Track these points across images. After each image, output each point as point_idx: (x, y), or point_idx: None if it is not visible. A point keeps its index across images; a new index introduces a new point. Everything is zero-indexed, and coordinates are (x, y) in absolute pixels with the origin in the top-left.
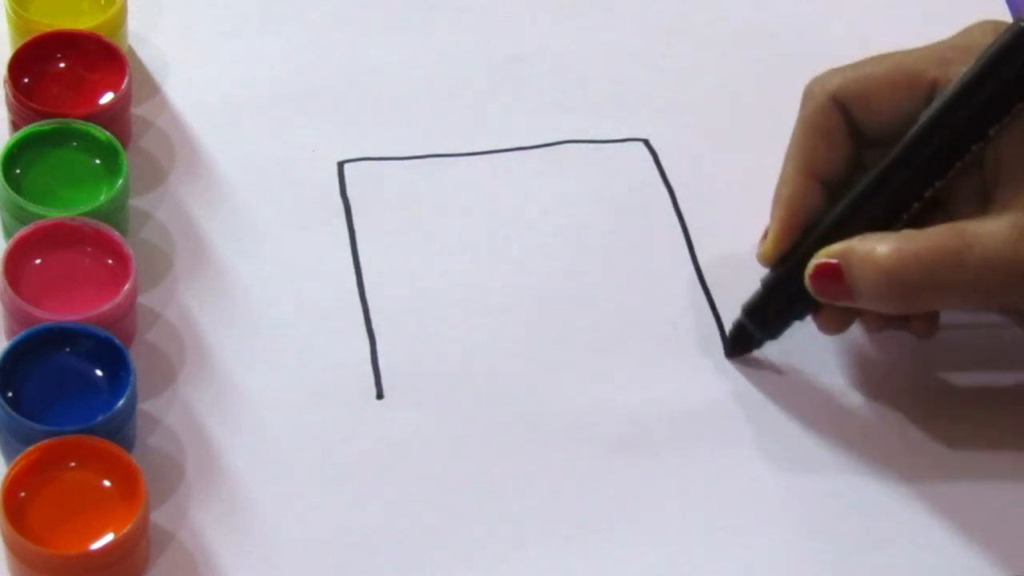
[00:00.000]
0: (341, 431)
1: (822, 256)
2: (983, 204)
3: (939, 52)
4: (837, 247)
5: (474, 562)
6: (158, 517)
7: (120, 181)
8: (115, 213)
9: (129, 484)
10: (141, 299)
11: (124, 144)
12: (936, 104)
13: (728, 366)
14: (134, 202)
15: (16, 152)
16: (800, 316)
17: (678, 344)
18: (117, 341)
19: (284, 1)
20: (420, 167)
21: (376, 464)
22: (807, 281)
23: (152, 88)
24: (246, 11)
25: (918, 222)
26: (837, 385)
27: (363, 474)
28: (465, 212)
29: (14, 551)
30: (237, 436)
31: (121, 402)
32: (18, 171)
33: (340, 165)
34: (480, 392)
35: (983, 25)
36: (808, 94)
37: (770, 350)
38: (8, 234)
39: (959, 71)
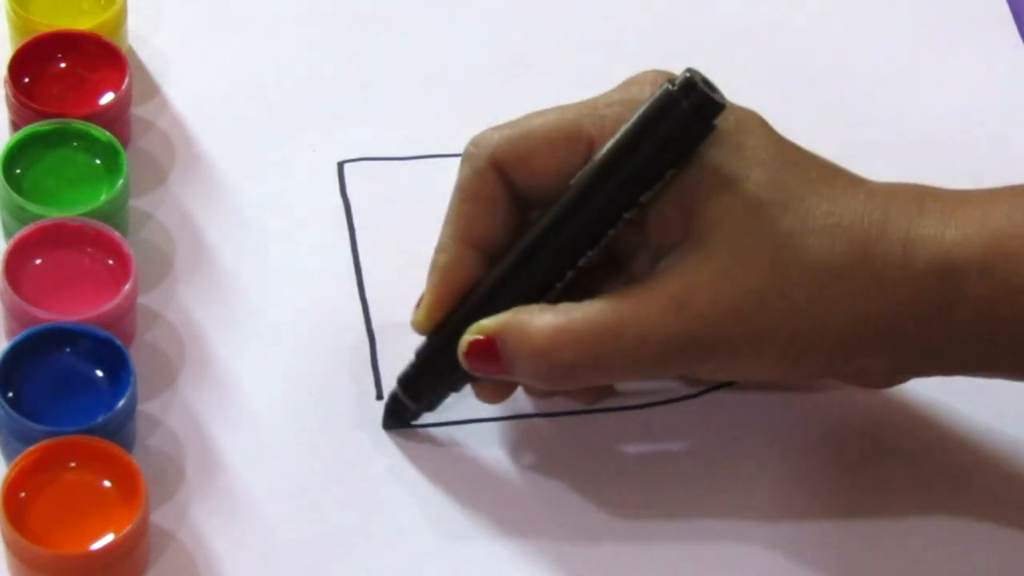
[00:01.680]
0: (341, 431)
1: (474, 332)
2: (654, 263)
3: (597, 108)
4: (490, 323)
5: (474, 563)
6: (158, 517)
7: (120, 181)
8: (115, 213)
9: (129, 484)
10: (141, 299)
11: (124, 144)
12: (585, 170)
13: None
14: (134, 202)
15: (16, 152)
16: (457, 388)
17: None
18: (117, 341)
19: (284, 1)
20: (420, 167)
21: (376, 464)
22: (461, 358)
23: (152, 88)
24: (246, 11)
25: (587, 280)
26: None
27: (363, 474)
28: None
29: (14, 551)
30: (237, 436)
31: (121, 402)
32: (18, 171)
33: (340, 165)
34: None
35: (643, 77)
36: (466, 156)
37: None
38: (8, 234)
39: (614, 129)
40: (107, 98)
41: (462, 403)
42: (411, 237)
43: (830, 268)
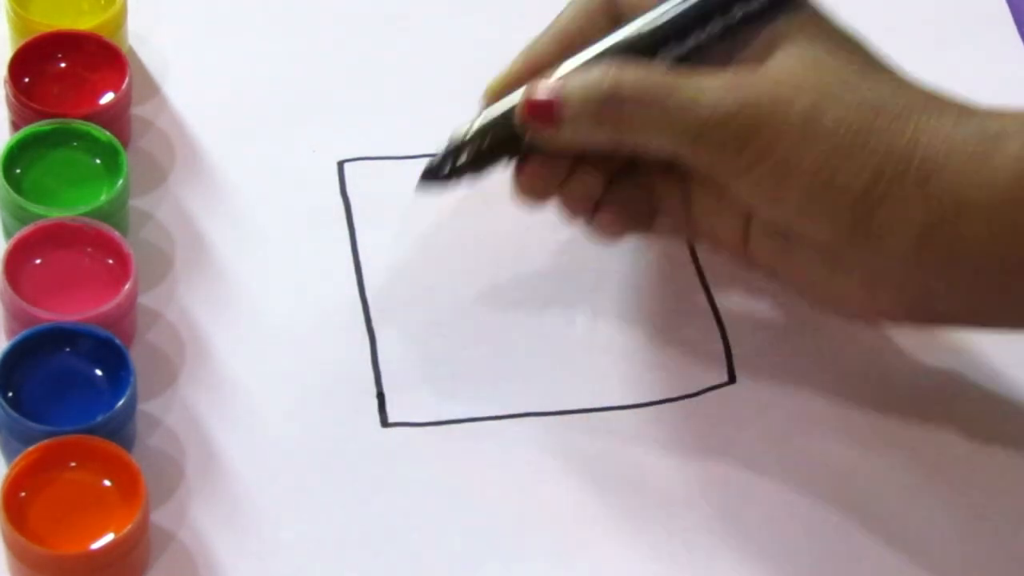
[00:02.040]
0: (341, 431)
1: (540, 82)
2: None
3: None
4: (552, 79)
5: (474, 562)
6: (158, 517)
7: (120, 181)
8: (115, 213)
9: (129, 484)
10: (141, 299)
11: (124, 144)
12: None
13: (735, 363)
14: (134, 202)
15: (16, 152)
16: (501, 157)
17: (680, 344)
18: (117, 341)
19: (284, 1)
20: (420, 167)
21: (376, 464)
22: (519, 109)
23: (152, 88)
24: (246, 11)
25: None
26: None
27: (363, 474)
28: (465, 212)
29: (14, 551)
30: (237, 436)
31: (121, 402)
32: (18, 171)
33: (340, 164)
34: (480, 392)
35: None
36: None
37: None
38: (8, 234)
39: None
40: (107, 98)
41: (462, 403)
42: (411, 237)
43: (888, 103)
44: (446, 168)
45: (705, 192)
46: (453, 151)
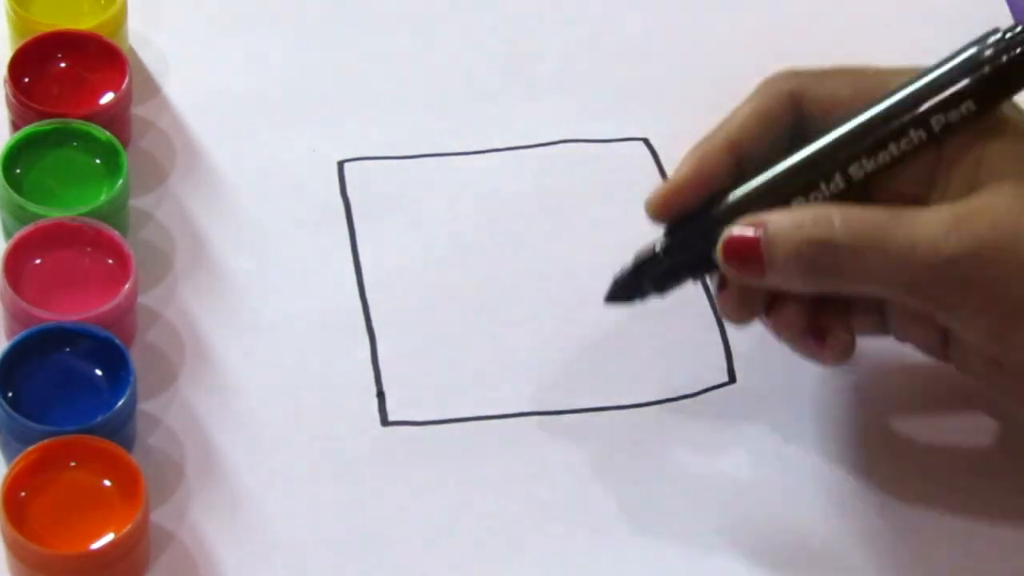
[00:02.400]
0: (341, 431)
1: (742, 222)
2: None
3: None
4: (759, 215)
5: (474, 562)
6: (158, 517)
7: (120, 181)
8: (115, 213)
9: (129, 484)
10: (141, 299)
11: (124, 144)
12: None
13: (735, 363)
14: (134, 202)
15: (16, 152)
16: (696, 276)
17: (680, 344)
18: (117, 341)
19: (284, 1)
20: (420, 167)
21: (376, 464)
22: (719, 250)
23: (152, 88)
24: (246, 11)
25: None
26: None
27: (363, 474)
28: (465, 212)
29: (14, 551)
30: (237, 436)
31: (121, 402)
32: (18, 171)
33: (340, 165)
34: (480, 392)
35: None
36: (766, 82)
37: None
38: (8, 234)
39: None
40: (107, 98)
41: (462, 402)
42: (411, 237)
43: None
44: (634, 287)
45: (905, 312)
46: (640, 268)
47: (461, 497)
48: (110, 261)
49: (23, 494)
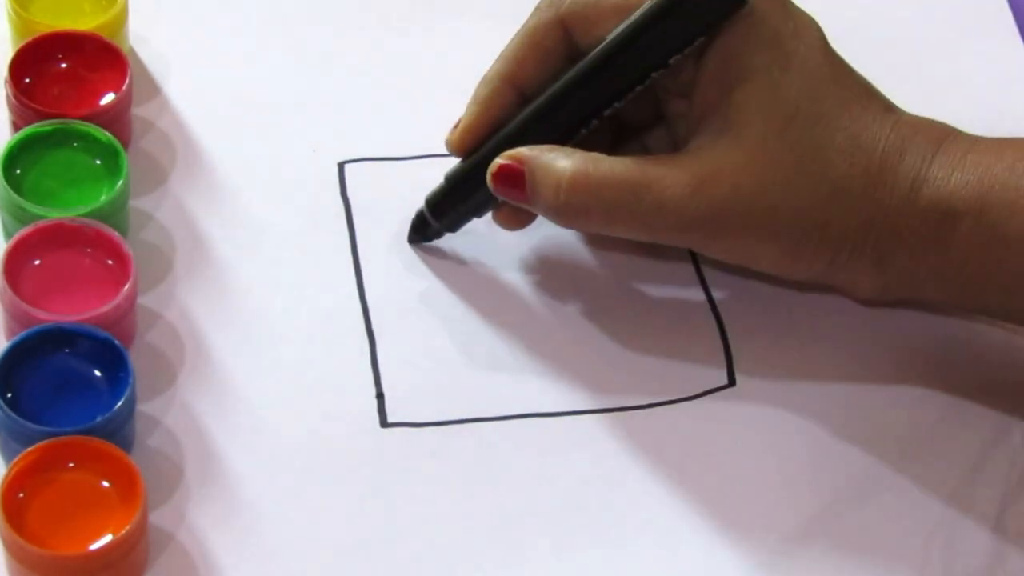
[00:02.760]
0: (341, 431)
1: (507, 157)
2: (682, 142)
3: None
4: (523, 151)
5: (474, 563)
6: (157, 518)
7: (120, 182)
8: (115, 214)
9: (128, 485)
10: (141, 299)
11: (125, 145)
12: (622, 26)
13: (734, 366)
14: (134, 203)
15: (17, 152)
16: (478, 213)
17: (680, 346)
18: (116, 342)
19: (284, 1)
20: (420, 167)
21: (375, 464)
22: (489, 179)
23: (153, 89)
24: (246, 11)
25: (616, 144)
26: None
27: (362, 474)
28: None
29: (13, 552)
30: (237, 436)
31: (120, 403)
32: (19, 172)
33: (340, 166)
34: (480, 392)
35: None
36: (537, 8)
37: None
38: (8, 235)
39: None
40: (108, 99)
41: (461, 403)
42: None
43: (843, 185)
44: (429, 227)
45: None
46: (430, 204)
47: (460, 498)
48: (110, 261)
49: (22, 495)
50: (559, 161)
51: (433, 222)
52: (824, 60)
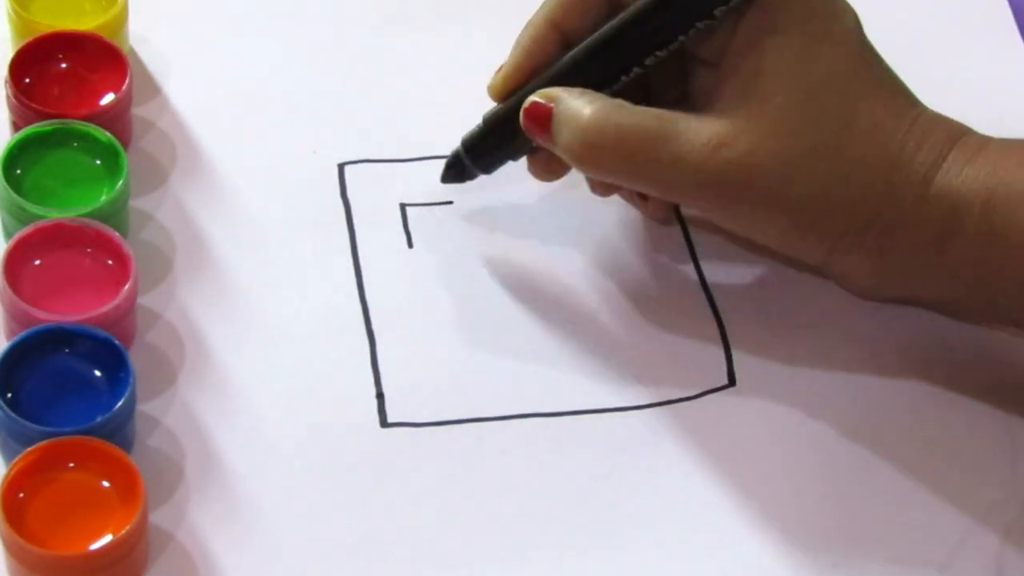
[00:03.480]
0: (341, 431)
1: (539, 96)
2: (711, 103)
3: None
4: (553, 91)
5: (473, 563)
6: (157, 518)
7: (120, 182)
8: (115, 214)
9: (128, 485)
10: (141, 300)
11: (125, 145)
12: None
13: (735, 366)
14: (134, 203)
15: (17, 152)
16: (514, 156)
17: (680, 346)
18: (116, 342)
19: (284, 1)
20: (420, 169)
21: (375, 464)
22: (521, 117)
23: (153, 89)
24: (246, 11)
25: (649, 100)
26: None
27: (363, 475)
28: (464, 213)
29: (13, 552)
30: (237, 436)
31: (120, 403)
32: (19, 172)
33: (340, 167)
34: (480, 393)
35: None
36: None
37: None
38: (8, 235)
39: None
40: (108, 99)
41: (462, 403)
42: (411, 239)
43: (858, 168)
44: (462, 165)
45: None
46: (466, 145)
47: (460, 498)
48: (110, 262)
49: (22, 495)
50: (583, 104)
51: (469, 163)
52: (857, 44)
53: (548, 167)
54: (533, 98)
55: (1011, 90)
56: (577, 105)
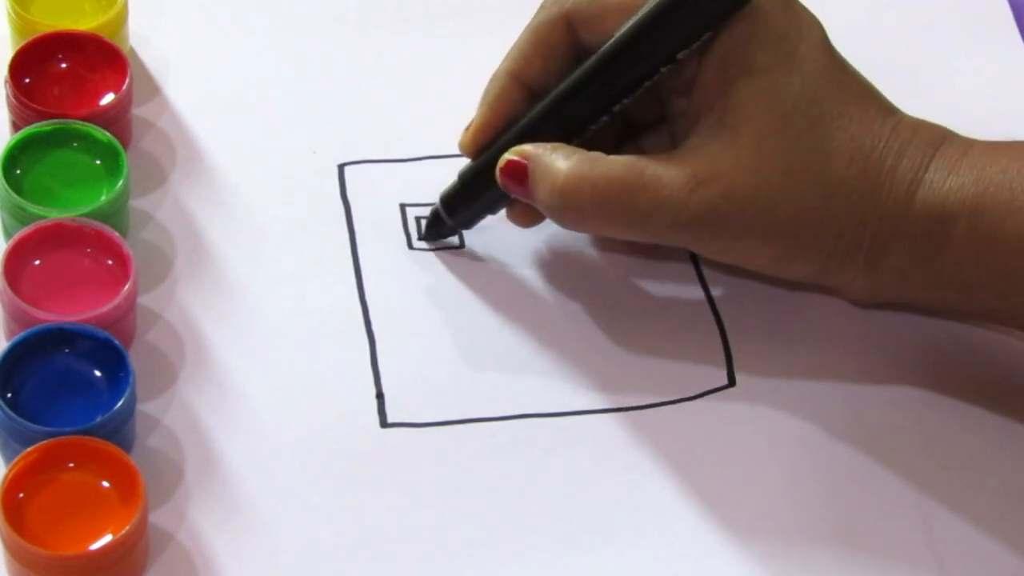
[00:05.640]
0: (341, 431)
1: (513, 153)
2: (681, 141)
3: None
4: (528, 148)
5: (474, 563)
6: (157, 518)
7: (120, 182)
8: (115, 214)
9: (128, 485)
10: (141, 300)
11: (125, 145)
12: (629, 23)
13: (734, 366)
14: (134, 203)
15: (17, 153)
16: (492, 210)
17: (680, 346)
18: (116, 342)
19: (284, 1)
20: (420, 169)
21: (375, 464)
22: (497, 175)
23: (153, 89)
24: (246, 12)
25: (620, 143)
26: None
27: (363, 475)
28: None
29: (13, 552)
30: (237, 436)
31: (120, 403)
32: (19, 172)
33: (340, 168)
34: (479, 393)
35: None
36: (543, 5)
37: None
38: (8, 235)
39: None
40: (108, 99)
41: (461, 403)
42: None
43: (840, 187)
44: (443, 224)
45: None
46: (444, 201)
47: (460, 498)
48: (110, 262)
49: (22, 495)
50: (558, 161)
51: (448, 220)
52: (825, 60)
53: (527, 216)
54: (508, 156)
55: (1011, 90)
56: (551, 161)
